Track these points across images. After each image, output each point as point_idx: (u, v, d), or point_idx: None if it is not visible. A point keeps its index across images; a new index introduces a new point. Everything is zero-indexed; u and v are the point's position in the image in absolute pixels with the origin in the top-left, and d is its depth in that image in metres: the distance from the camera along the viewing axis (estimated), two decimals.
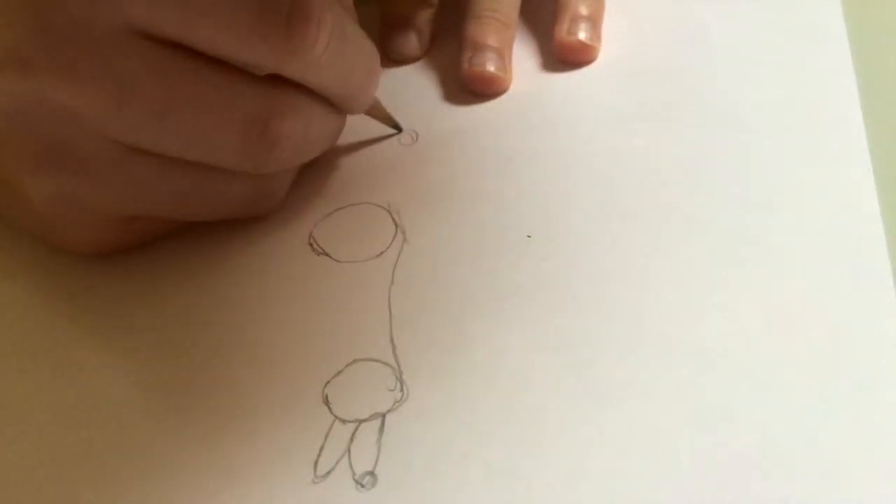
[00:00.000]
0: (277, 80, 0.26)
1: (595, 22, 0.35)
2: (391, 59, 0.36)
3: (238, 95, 0.25)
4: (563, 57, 0.35)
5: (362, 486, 0.23)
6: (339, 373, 0.26)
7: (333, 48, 0.26)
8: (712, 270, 0.26)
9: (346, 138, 0.32)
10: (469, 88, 0.34)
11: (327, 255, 0.29)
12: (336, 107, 0.29)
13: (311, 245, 0.30)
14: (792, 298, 0.25)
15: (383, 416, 0.24)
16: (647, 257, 0.27)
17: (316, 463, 0.23)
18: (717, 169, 0.29)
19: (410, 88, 0.35)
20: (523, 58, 0.36)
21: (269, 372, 0.26)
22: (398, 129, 0.33)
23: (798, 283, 0.26)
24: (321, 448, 0.24)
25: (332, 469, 0.23)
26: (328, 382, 0.25)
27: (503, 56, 0.34)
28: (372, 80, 0.30)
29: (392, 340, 0.26)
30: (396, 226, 0.30)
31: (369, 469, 0.23)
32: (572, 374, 0.24)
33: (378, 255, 0.29)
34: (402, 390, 0.25)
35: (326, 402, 0.25)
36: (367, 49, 0.29)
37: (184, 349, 0.27)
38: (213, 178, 0.27)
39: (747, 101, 0.32)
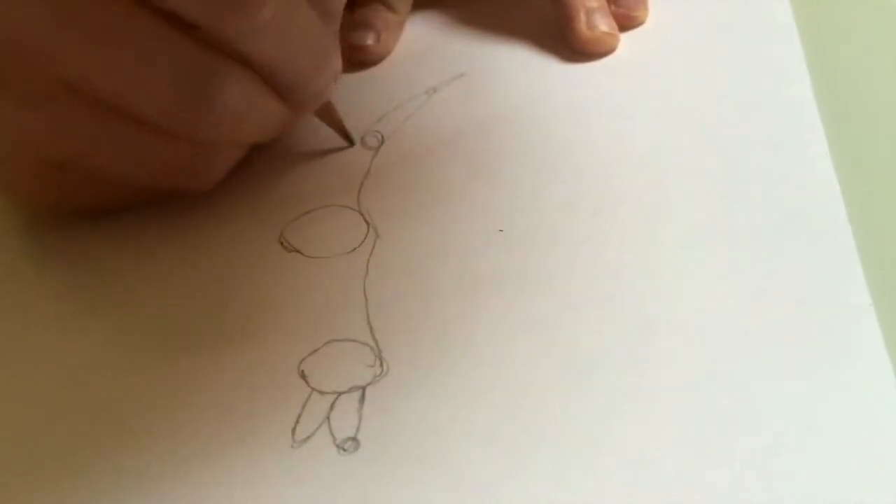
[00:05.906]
0: (223, 50, 0.25)
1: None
2: (350, 59, 0.36)
3: (179, 48, 0.24)
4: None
5: (344, 450, 0.22)
6: (316, 350, 0.25)
7: (279, 24, 0.25)
8: (683, 255, 0.27)
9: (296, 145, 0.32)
10: (586, 51, 0.35)
11: (298, 251, 0.29)
12: (282, 96, 0.28)
13: (281, 244, 0.29)
14: (761, 275, 0.25)
15: (363, 388, 0.23)
16: (620, 248, 0.27)
17: (294, 430, 0.22)
18: (680, 160, 0.30)
19: (374, 91, 0.35)
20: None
21: (240, 350, 0.25)
22: (350, 142, 0.32)
23: (766, 262, 0.26)
24: (298, 416, 0.23)
25: (312, 435, 0.22)
26: (304, 359, 0.25)
27: (608, 14, 0.35)
28: (320, 73, 0.28)
29: (369, 323, 0.26)
30: (368, 224, 0.29)
31: (351, 435, 0.22)
32: (552, 348, 0.24)
33: (351, 251, 0.29)
34: (381, 366, 0.24)
35: (303, 376, 0.24)
36: (320, 41, 0.27)
37: (151, 332, 0.26)
38: (150, 133, 0.26)
39: (702, 94, 0.32)
